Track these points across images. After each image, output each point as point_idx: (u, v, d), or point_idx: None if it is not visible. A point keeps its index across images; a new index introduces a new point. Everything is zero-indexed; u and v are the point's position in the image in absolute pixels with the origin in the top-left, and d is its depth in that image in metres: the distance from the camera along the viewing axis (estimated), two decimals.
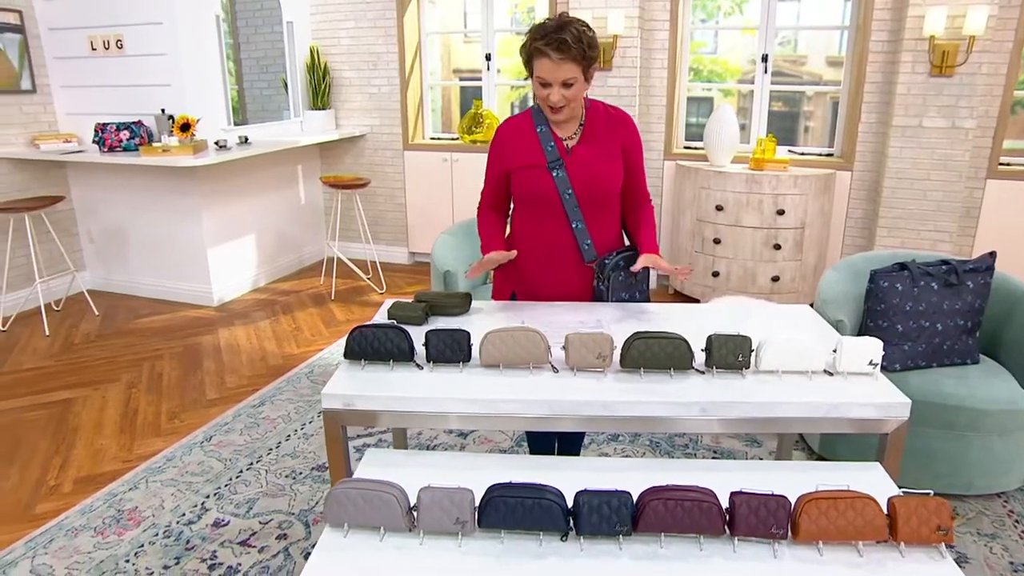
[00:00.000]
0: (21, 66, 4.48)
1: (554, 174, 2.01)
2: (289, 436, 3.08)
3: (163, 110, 4.32)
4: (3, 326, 4.30)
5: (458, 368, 1.69)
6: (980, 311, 2.61)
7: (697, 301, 4.38)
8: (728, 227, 4.20)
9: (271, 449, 2.97)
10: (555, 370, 1.68)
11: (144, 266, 4.81)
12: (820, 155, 4.53)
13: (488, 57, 5.27)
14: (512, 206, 2.22)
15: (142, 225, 4.71)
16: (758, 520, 1.26)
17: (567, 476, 1.43)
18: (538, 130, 2.04)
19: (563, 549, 1.27)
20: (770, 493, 1.27)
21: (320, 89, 5.37)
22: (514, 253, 2.11)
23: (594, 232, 2.09)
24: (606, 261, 2.11)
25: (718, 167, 4.29)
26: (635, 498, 1.29)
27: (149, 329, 4.29)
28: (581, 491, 1.28)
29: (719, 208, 4.21)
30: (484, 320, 2.00)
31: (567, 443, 2.44)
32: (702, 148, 4.52)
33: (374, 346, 1.70)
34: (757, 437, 3.04)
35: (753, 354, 1.66)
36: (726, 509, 1.28)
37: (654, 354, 1.62)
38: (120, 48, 4.38)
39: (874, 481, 1.47)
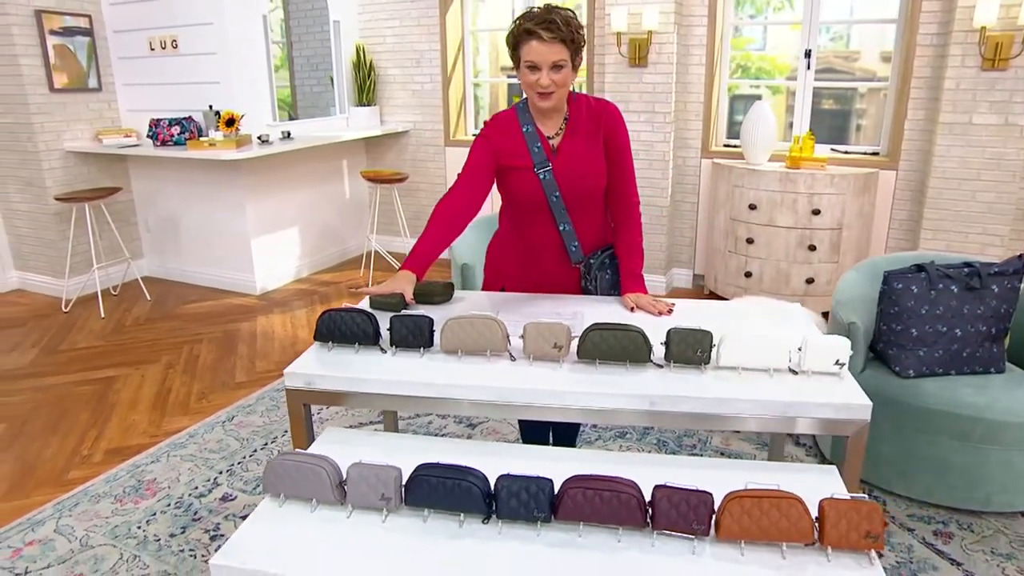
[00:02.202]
0: (89, 66, 4.80)
1: (541, 176, 1.98)
2: None
3: (211, 106, 4.54)
4: (65, 308, 4.62)
5: (419, 353, 1.73)
6: (1006, 317, 2.45)
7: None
8: (761, 226, 4.08)
9: (286, 431, 3.09)
10: (512, 358, 1.69)
11: (194, 255, 5.07)
12: (865, 154, 4.34)
13: None
14: (500, 205, 2.21)
15: (193, 216, 4.97)
16: (679, 515, 1.24)
17: (530, 464, 1.42)
18: (524, 130, 2.00)
19: (482, 531, 1.29)
20: (693, 488, 1.25)
21: (365, 86, 5.52)
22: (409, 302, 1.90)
23: (581, 232, 2.07)
24: (592, 261, 2.10)
25: (753, 165, 4.17)
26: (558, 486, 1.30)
27: (194, 314, 4.53)
28: (502, 475, 1.30)
29: (752, 207, 4.09)
30: (463, 309, 2.02)
31: (561, 435, 2.44)
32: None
33: (341, 329, 1.76)
34: (768, 440, 2.95)
35: (714, 349, 1.63)
36: (648, 502, 1.27)
37: (609, 346, 1.61)
38: (175, 48, 4.63)
39: (825, 484, 1.42)
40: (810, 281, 4.03)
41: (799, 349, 1.61)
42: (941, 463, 2.39)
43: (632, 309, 2.00)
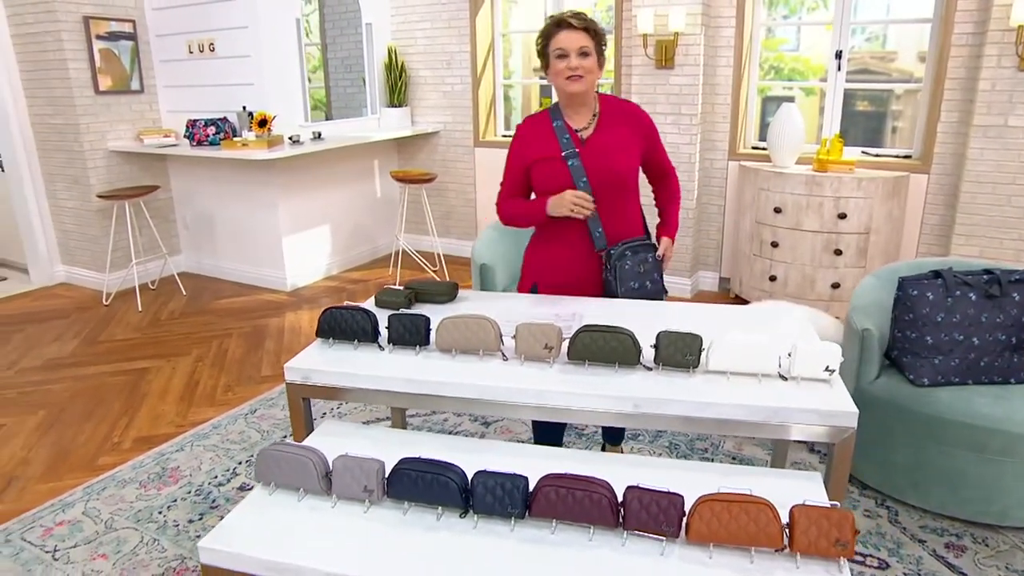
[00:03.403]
0: (132, 69, 4.99)
1: (569, 163, 2.09)
2: (325, 414, 3.29)
3: (244, 107, 4.68)
4: (106, 301, 4.82)
5: (415, 351, 1.78)
6: None
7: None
8: (786, 230, 4.03)
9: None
10: (504, 358, 1.72)
11: (228, 252, 5.24)
12: (897, 157, 4.24)
13: None
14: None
15: (227, 214, 5.13)
16: (649, 516, 1.26)
17: (518, 462, 1.46)
18: (555, 124, 2.13)
19: (458, 525, 1.33)
20: (664, 490, 1.26)
21: (397, 87, 5.61)
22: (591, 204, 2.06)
23: (607, 220, 2.14)
24: (612, 251, 2.14)
25: (780, 168, 4.12)
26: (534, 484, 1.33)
27: (226, 309, 4.67)
28: (479, 472, 1.33)
29: (777, 210, 4.04)
30: (467, 309, 2.06)
31: (610, 435, 2.65)
32: None
33: (341, 327, 1.81)
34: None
35: (703, 353, 1.63)
36: (620, 502, 1.29)
37: (599, 348, 1.63)
38: (212, 51, 4.79)
39: (806, 490, 1.42)
40: (836, 286, 3.96)
41: (789, 355, 1.60)
42: (956, 475, 2.34)
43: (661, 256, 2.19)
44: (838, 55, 4.25)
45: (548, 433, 2.43)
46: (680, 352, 1.62)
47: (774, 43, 4.96)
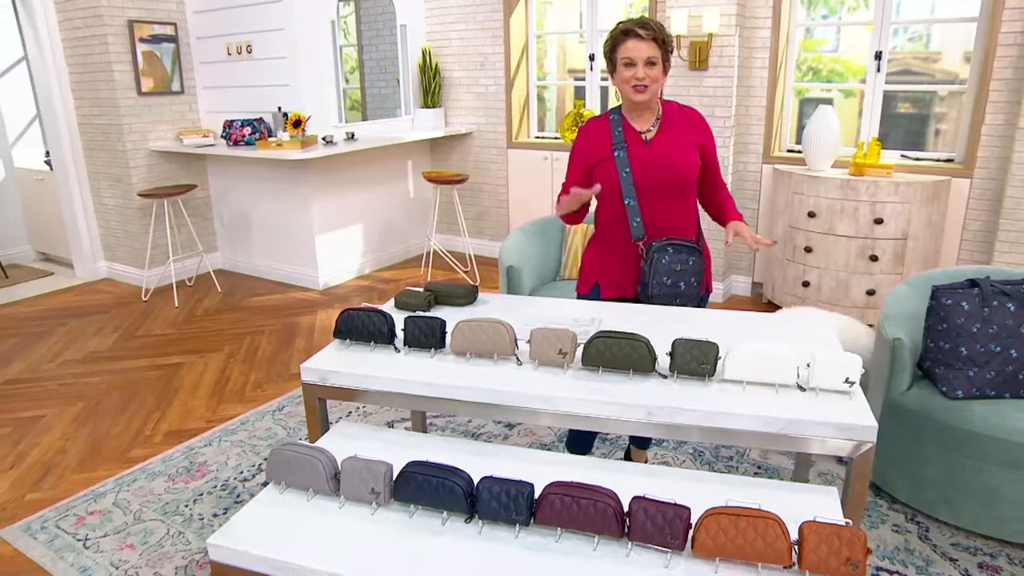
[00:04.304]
0: (173, 71, 5.13)
1: (616, 156, 2.12)
2: (351, 412, 3.33)
3: (279, 108, 4.76)
4: (145, 297, 4.95)
5: (430, 353, 1.78)
6: None
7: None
8: (820, 235, 3.93)
9: (332, 423, 3.21)
10: (519, 362, 1.72)
11: (263, 250, 5.33)
12: (938, 161, 4.11)
13: (592, 57, 5.28)
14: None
15: (262, 212, 5.23)
16: (654, 528, 1.24)
17: (530, 468, 1.46)
18: (614, 129, 2.17)
19: (464, 530, 1.33)
20: (670, 501, 1.24)
21: (431, 88, 5.64)
22: (597, 188, 2.11)
23: (647, 212, 2.14)
24: (654, 244, 2.13)
25: (815, 171, 4.02)
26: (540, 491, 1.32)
27: (259, 307, 4.76)
28: (485, 477, 1.33)
29: (811, 215, 3.95)
30: (486, 312, 2.06)
31: (636, 438, 2.60)
32: None
33: (358, 328, 1.83)
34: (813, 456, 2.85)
35: (719, 362, 1.60)
36: (626, 513, 1.27)
37: (613, 354, 1.61)
38: (249, 53, 4.89)
39: (821, 506, 1.38)
40: (871, 293, 3.85)
41: (808, 365, 1.56)
42: (990, 492, 2.25)
43: (731, 237, 2.13)
44: (878, 56, 4.14)
45: (579, 441, 2.42)
46: (696, 360, 1.59)
47: (812, 44, 4.86)
